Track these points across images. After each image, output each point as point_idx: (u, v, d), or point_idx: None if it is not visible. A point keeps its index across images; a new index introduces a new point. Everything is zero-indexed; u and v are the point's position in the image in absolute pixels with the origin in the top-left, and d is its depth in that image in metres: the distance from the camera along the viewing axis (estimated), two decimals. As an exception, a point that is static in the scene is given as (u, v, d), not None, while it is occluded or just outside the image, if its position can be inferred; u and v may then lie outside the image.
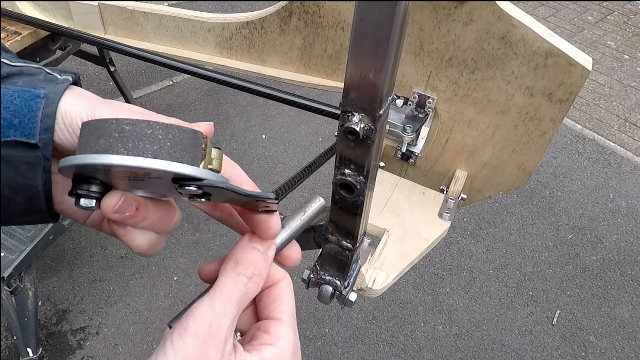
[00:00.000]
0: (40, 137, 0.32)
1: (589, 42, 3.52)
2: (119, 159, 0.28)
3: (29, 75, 0.35)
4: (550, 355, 1.74)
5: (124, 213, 0.32)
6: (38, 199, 0.34)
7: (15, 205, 0.33)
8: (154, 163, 0.28)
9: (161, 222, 0.35)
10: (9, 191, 0.33)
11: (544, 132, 0.74)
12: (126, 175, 0.29)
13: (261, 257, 0.35)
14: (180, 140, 0.29)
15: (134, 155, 0.28)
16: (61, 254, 1.90)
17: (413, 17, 0.70)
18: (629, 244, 2.13)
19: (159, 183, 0.31)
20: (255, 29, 0.87)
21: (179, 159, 0.29)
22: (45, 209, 0.35)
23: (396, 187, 0.90)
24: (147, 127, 0.29)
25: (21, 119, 0.32)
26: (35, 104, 0.32)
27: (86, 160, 0.28)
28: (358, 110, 0.42)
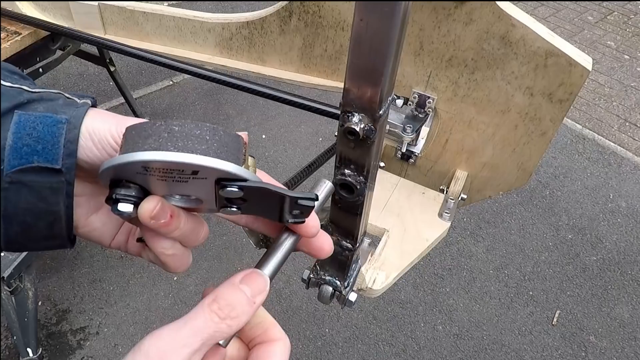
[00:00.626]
0: (63, 162, 0.32)
1: (589, 42, 3.52)
2: (171, 156, 0.29)
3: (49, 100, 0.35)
4: (550, 355, 1.74)
5: (160, 219, 0.32)
6: (59, 223, 0.34)
7: (36, 231, 0.34)
8: (205, 160, 0.29)
9: (191, 233, 0.36)
10: (31, 217, 0.33)
11: (544, 132, 0.74)
12: (171, 175, 0.30)
13: (245, 300, 0.33)
14: (226, 142, 0.31)
15: (185, 152, 0.29)
16: (61, 254, 1.90)
17: (413, 17, 0.70)
18: (629, 244, 2.13)
19: (202, 185, 0.31)
20: (255, 29, 0.87)
21: (226, 159, 0.30)
22: (65, 234, 0.35)
23: (396, 187, 0.90)
24: (195, 128, 0.30)
25: (44, 145, 0.32)
26: (58, 130, 0.32)
27: (137, 157, 0.29)
28: (358, 111, 0.42)
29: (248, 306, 0.33)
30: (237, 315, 0.32)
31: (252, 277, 0.34)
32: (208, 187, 0.31)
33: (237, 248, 1.98)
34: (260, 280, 0.34)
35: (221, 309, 0.32)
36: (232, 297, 0.33)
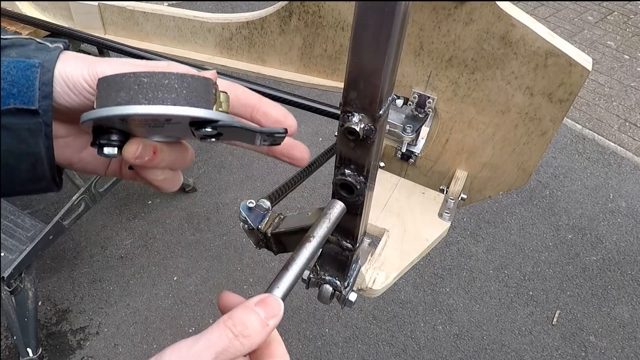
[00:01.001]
0: (40, 104, 0.33)
1: (589, 42, 3.52)
2: (143, 109, 0.31)
3: (21, 46, 0.36)
4: (550, 355, 1.74)
5: (144, 158, 0.35)
6: (41, 165, 0.35)
7: (20, 173, 0.35)
8: (175, 110, 0.31)
9: (177, 161, 0.39)
10: (13, 159, 0.34)
11: (544, 132, 0.74)
12: (147, 122, 0.32)
13: (258, 322, 0.34)
14: (194, 88, 0.32)
15: (155, 104, 0.31)
16: (61, 254, 1.90)
17: (413, 17, 0.70)
18: (629, 244, 2.13)
19: (177, 127, 0.34)
20: (255, 29, 0.87)
21: (196, 104, 0.32)
22: (49, 176, 0.36)
23: (396, 187, 0.90)
24: (163, 77, 0.32)
25: (19, 89, 0.33)
26: (32, 73, 0.33)
27: (112, 112, 0.31)
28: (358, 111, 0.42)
29: (261, 327, 0.34)
30: (250, 335, 0.34)
31: (267, 302, 0.36)
32: (183, 128, 0.34)
33: (237, 248, 1.98)
34: (275, 305, 0.36)
35: (235, 326, 0.33)
36: (247, 318, 0.34)
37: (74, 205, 1.59)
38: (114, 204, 2.11)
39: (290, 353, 0.37)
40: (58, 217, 1.54)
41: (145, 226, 2.04)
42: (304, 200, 2.20)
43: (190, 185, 2.15)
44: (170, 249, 1.97)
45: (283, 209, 2.10)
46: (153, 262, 1.92)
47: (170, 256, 1.94)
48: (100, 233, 2.00)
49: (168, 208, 2.12)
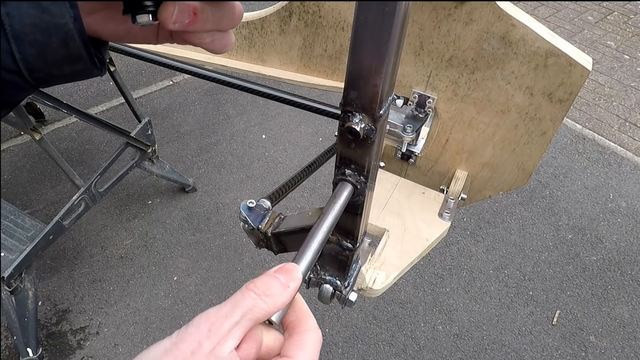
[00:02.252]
0: None
1: (589, 42, 3.52)
2: None
3: None
4: (550, 355, 1.74)
5: (184, 21, 0.32)
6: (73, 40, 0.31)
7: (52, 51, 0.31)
8: None
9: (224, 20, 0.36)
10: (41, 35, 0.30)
11: (544, 132, 0.74)
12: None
13: (278, 283, 0.37)
14: None
15: None
16: (61, 254, 1.90)
17: (413, 17, 0.70)
18: (629, 244, 2.13)
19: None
20: (255, 29, 0.87)
21: None
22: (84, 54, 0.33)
23: (396, 187, 0.90)
24: None
25: None
26: None
27: None
28: (358, 111, 0.42)
29: (282, 288, 0.37)
30: (272, 294, 0.36)
31: (285, 268, 0.39)
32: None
33: (237, 248, 1.98)
34: (293, 270, 0.39)
35: (257, 287, 0.36)
36: (267, 280, 0.37)
37: (74, 205, 1.59)
38: (114, 204, 2.11)
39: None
40: (58, 217, 1.54)
41: (145, 226, 2.04)
42: (304, 200, 2.20)
43: (190, 185, 2.15)
44: (170, 249, 1.97)
45: (283, 209, 2.10)
46: (153, 262, 1.92)
47: (170, 256, 1.94)
48: (100, 233, 1.99)
49: (168, 208, 2.12)
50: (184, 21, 0.32)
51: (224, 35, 0.37)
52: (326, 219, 0.45)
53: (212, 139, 2.45)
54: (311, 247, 0.43)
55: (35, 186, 2.13)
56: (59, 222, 1.54)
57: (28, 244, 1.45)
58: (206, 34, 0.36)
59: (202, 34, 0.35)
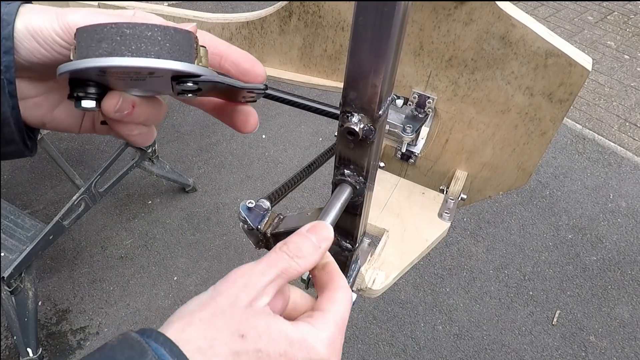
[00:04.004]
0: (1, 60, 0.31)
1: (589, 42, 3.52)
2: (126, 61, 0.30)
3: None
4: (550, 355, 1.74)
5: (123, 111, 0.34)
6: (8, 126, 0.33)
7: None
8: (159, 63, 0.31)
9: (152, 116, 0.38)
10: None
11: (544, 132, 0.74)
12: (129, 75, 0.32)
13: (311, 244, 0.38)
14: (177, 41, 0.32)
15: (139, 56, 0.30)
16: (61, 254, 1.90)
17: (413, 17, 0.70)
18: (629, 244, 2.13)
19: (158, 81, 0.33)
20: (255, 29, 0.87)
21: (179, 58, 0.32)
22: (18, 138, 0.35)
23: (396, 187, 0.90)
24: (146, 29, 0.31)
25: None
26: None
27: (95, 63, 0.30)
28: (358, 111, 0.42)
29: (314, 249, 0.38)
30: (304, 256, 0.38)
31: (318, 227, 0.40)
32: (165, 82, 0.33)
33: (237, 248, 1.98)
34: (325, 230, 0.40)
35: (290, 250, 0.37)
36: (300, 241, 0.38)
37: (74, 205, 1.59)
38: (114, 204, 2.11)
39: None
40: (58, 217, 1.54)
41: (145, 226, 2.04)
42: (304, 200, 2.20)
43: (190, 185, 2.15)
44: (170, 249, 1.97)
45: (283, 209, 2.10)
46: (153, 262, 1.92)
47: (170, 256, 1.94)
48: (100, 233, 1.99)
49: (168, 208, 2.12)
50: (123, 111, 0.34)
51: (149, 129, 0.39)
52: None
53: (212, 139, 2.45)
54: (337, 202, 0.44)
55: (35, 186, 2.13)
56: (59, 222, 1.54)
57: (28, 244, 1.45)
58: (134, 126, 0.37)
59: (131, 126, 0.37)
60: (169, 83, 0.33)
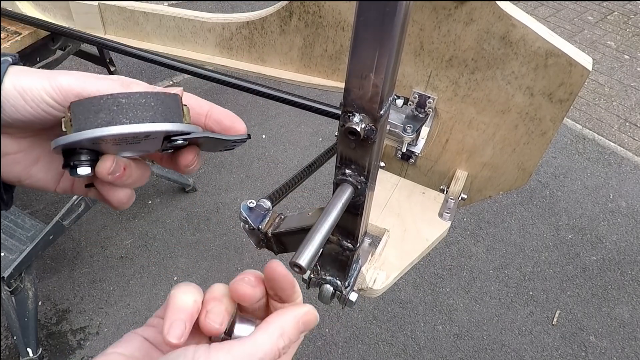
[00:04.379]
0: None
1: (589, 42, 3.52)
2: (127, 128, 0.33)
3: None
4: (550, 355, 1.74)
5: (116, 174, 0.36)
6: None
7: None
8: (156, 126, 0.34)
9: (140, 178, 0.40)
10: None
11: (544, 132, 0.74)
12: (125, 140, 0.34)
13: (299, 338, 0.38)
14: (167, 104, 0.35)
15: (137, 122, 0.33)
16: (61, 254, 1.90)
17: (413, 17, 0.70)
18: (629, 244, 2.13)
19: (152, 141, 0.36)
20: (256, 29, 0.87)
21: (171, 119, 0.35)
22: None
23: (396, 187, 0.90)
24: (140, 97, 0.34)
25: None
26: None
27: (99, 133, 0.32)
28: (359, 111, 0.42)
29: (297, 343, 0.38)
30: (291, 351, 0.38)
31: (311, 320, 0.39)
32: (157, 142, 0.36)
33: (237, 248, 1.98)
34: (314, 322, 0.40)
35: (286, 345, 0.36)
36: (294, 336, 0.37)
37: (74, 205, 1.59)
38: (114, 204, 2.11)
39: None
40: (58, 217, 1.54)
41: (145, 226, 2.04)
42: (304, 200, 2.20)
43: (190, 185, 2.15)
44: (170, 249, 1.97)
45: (283, 209, 2.10)
46: (153, 262, 1.92)
47: (170, 256, 1.94)
48: (100, 233, 1.99)
49: (168, 208, 2.12)
50: (116, 174, 0.36)
51: (132, 192, 0.41)
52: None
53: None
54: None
55: (35, 186, 2.13)
56: (59, 222, 1.54)
57: (28, 244, 1.45)
58: (121, 189, 0.39)
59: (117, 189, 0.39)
60: (160, 142, 0.36)
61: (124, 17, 1.00)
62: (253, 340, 0.33)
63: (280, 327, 0.35)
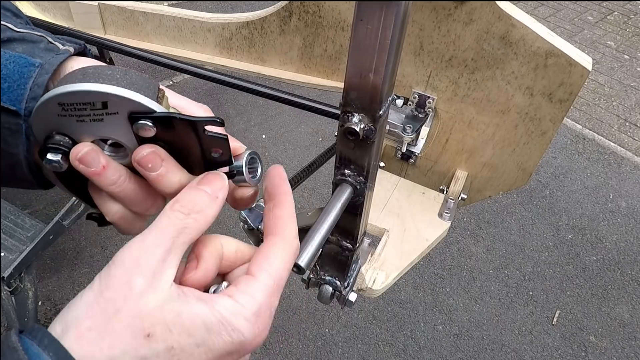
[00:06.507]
0: (26, 104, 0.32)
1: (589, 42, 3.52)
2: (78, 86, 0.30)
3: (30, 42, 0.35)
4: (550, 355, 1.74)
5: (90, 166, 0.32)
6: (20, 167, 0.34)
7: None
8: (110, 89, 0.30)
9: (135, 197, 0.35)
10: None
11: (544, 132, 0.74)
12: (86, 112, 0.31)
13: (206, 196, 0.33)
14: (135, 81, 0.32)
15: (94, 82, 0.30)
16: (61, 254, 1.90)
17: (413, 17, 0.70)
18: (629, 244, 2.13)
19: (117, 122, 0.32)
20: (255, 29, 0.87)
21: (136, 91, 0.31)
22: (30, 178, 0.35)
23: (396, 187, 0.90)
24: (107, 69, 0.32)
25: (10, 84, 0.32)
26: (28, 72, 0.32)
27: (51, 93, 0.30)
28: (358, 111, 0.42)
29: (210, 200, 0.33)
30: (201, 209, 0.32)
31: (209, 178, 0.34)
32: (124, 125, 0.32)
33: (237, 248, 1.98)
34: (218, 179, 0.34)
35: (184, 206, 0.32)
36: (192, 194, 0.33)
37: (74, 205, 1.59)
38: (114, 204, 2.11)
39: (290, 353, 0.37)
40: (58, 217, 1.54)
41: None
42: (304, 200, 2.20)
43: (190, 185, 2.15)
44: (170, 249, 1.97)
45: (283, 209, 2.10)
46: (153, 262, 1.92)
47: (170, 256, 1.94)
48: (100, 233, 1.99)
49: (168, 208, 2.12)
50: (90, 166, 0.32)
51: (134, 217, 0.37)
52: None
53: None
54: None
55: (35, 186, 2.13)
56: (59, 222, 1.54)
57: (28, 244, 1.45)
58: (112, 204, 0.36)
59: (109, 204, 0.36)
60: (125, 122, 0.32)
61: (124, 17, 1.00)
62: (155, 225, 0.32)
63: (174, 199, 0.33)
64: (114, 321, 0.27)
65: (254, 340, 0.30)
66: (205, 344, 0.28)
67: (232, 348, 0.29)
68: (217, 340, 0.29)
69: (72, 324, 0.27)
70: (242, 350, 0.30)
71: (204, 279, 0.33)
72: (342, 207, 0.47)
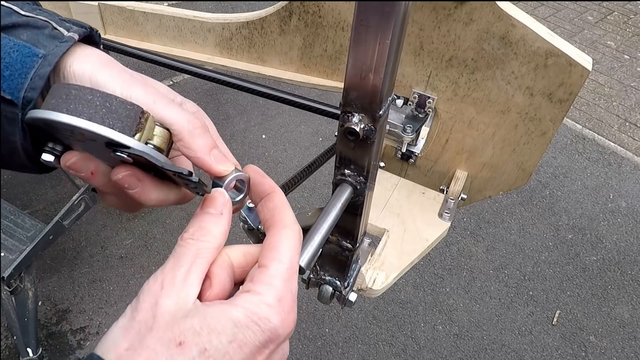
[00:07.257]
0: (25, 94, 0.32)
1: (589, 42, 3.52)
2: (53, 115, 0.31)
3: (35, 28, 0.35)
4: (550, 355, 1.74)
5: (80, 172, 0.34)
6: (18, 154, 0.35)
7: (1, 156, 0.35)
8: (80, 122, 0.30)
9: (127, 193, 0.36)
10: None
11: (544, 132, 0.74)
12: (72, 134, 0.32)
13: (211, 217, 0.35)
14: (115, 110, 0.32)
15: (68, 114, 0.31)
16: (61, 254, 1.90)
17: (413, 17, 0.70)
18: (629, 244, 2.13)
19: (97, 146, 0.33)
20: (255, 29, 0.87)
21: (110, 126, 0.31)
22: (28, 164, 0.36)
23: (396, 187, 0.90)
24: (89, 93, 0.31)
25: (12, 72, 0.32)
26: (31, 62, 0.33)
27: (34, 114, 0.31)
28: (358, 111, 0.42)
29: (216, 219, 0.35)
30: (209, 231, 0.34)
31: (210, 199, 0.36)
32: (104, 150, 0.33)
33: (237, 248, 1.98)
34: (218, 197, 0.36)
35: (192, 234, 0.34)
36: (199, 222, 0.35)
37: (74, 205, 1.59)
38: (114, 204, 2.11)
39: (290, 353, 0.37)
40: (58, 217, 1.54)
41: (145, 226, 2.04)
42: (304, 200, 2.20)
43: (190, 185, 2.15)
44: (170, 249, 1.96)
45: (283, 209, 2.10)
46: (153, 262, 1.92)
47: (170, 256, 1.94)
48: (100, 233, 1.99)
49: (168, 208, 2.12)
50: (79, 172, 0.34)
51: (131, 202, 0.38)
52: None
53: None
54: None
55: (35, 186, 2.13)
56: (59, 222, 1.54)
57: (28, 244, 1.45)
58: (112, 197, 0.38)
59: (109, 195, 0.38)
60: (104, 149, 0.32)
61: (124, 17, 1.00)
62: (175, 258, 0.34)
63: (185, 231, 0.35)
64: (147, 338, 0.29)
65: (283, 324, 0.31)
66: (237, 338, 0.30)
67: (265, 337, 0.31)
68: (247, 333, 0.30)
69: (111, 347, 0.29)
70: (276, 338, 0.31)
71: (222, 292, 0.34)
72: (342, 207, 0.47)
